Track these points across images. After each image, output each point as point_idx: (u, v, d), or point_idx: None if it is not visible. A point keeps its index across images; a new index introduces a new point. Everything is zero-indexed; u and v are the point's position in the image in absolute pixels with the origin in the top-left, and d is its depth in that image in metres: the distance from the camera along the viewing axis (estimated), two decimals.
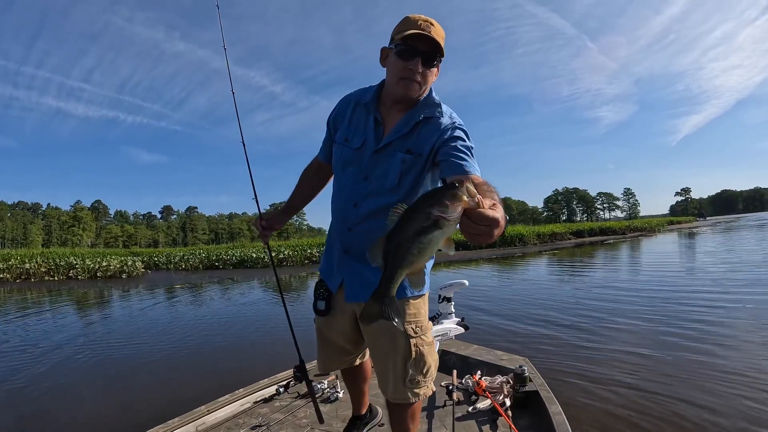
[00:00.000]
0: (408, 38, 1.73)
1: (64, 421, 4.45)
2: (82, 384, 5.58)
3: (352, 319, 2.04)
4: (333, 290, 2.04)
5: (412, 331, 1.90)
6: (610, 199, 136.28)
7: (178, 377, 5.73)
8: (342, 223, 1.95)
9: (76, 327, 9.82)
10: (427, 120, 1.84)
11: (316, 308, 2.08)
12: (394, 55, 1.79)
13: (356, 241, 1.90)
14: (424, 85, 1.83)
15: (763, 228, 40.23)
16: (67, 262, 26.08)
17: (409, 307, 1.91)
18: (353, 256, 1.94)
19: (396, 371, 1.91)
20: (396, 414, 2.06)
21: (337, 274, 2.01)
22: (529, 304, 9.31)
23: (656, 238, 38.48)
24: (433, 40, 1.73)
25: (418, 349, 1.91)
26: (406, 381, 1.92)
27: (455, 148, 1.74)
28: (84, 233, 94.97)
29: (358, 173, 1.90)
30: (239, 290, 15.90)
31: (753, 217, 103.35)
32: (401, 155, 1.82)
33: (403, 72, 1.77)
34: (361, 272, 1.91)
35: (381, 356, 1.97)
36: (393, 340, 1.90)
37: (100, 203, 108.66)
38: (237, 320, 9.68)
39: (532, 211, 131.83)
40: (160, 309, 12.24)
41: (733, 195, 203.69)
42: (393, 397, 1.98)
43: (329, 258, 2.10)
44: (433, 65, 1.80)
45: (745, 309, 7.55)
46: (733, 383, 4.38)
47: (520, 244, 37.30)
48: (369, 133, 1.89)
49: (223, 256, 30.30)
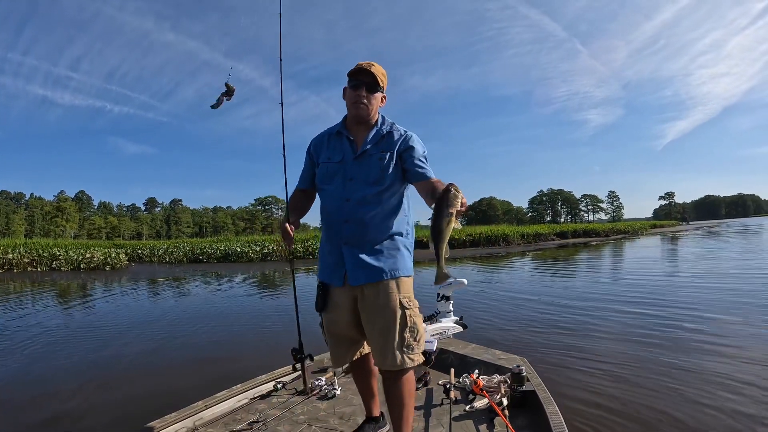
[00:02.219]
0: (354, 74, 2.41)
1: (55, 416, 4.39)
2: (73, 379, 5.48)
3: (353, 307, 2.42)
4: (339, 284, 2.41)
5: (406, 303, 2.36)
6: (594, 201, 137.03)
7: (173, 372, 5.69)
8: (338, 216, 2.40)
9: (61, 319, 9.71)
10: (389, 133, 2.46)
11: (317, 305, 2.50)
12: (348, 87, 2.45)
13: (352, 230, 2.36)
14: (371, 107, 2.42)
15: (745, 233, 40.72)
16: (50, 253, 25.83)
17: (403, 283, 2.39)
18: (352, 245, 2.38)
19: (395, 340, 2.31)
20: (393, 382, 2.42)
21: (340, 267, 2.40)
22: (527, 304, 9.33)
23: (639, 241, 38.85)
24: (371, 73, 2.37)
25: (411, 318, 2.36)
26: (403, 347, 2.32)
27: (415, 158, 2.38)
28: (67, 224, 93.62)
29: (343, 178, 2.41)
30: (225, 284, 15.83)
31: (735, 222, 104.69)
32: (378, 155, 2.40)
33: (354, 98, 2.40)
34: (360, 258, 2.35)
35: (382, 329, 2.33)
36: (393, 313, 2.32)
37: (84, 194, 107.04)
38: (229, 315, 9.63)
39: (517, 212, 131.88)
40: (146, 302, 12.18)
41: (716, 200, 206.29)
42: (392, 365, 2.33)
43: (327, 260, 2.50)
44: (375, 92, 2.42)
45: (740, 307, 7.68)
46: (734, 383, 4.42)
47: (504, 244, 37.55)
48: (345, 148, 2.46)
49: (207, 249, 30.28)
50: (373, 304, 2.34)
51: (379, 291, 2.34)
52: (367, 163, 2.40)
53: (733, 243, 28.03)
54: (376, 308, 2.34)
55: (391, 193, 2.40)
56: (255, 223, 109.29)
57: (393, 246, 2.41)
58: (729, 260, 17.06)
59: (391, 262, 2.38)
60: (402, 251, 2.44)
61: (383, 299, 2.33)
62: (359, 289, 2.37)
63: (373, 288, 2.34)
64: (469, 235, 37.10)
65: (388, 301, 2.32)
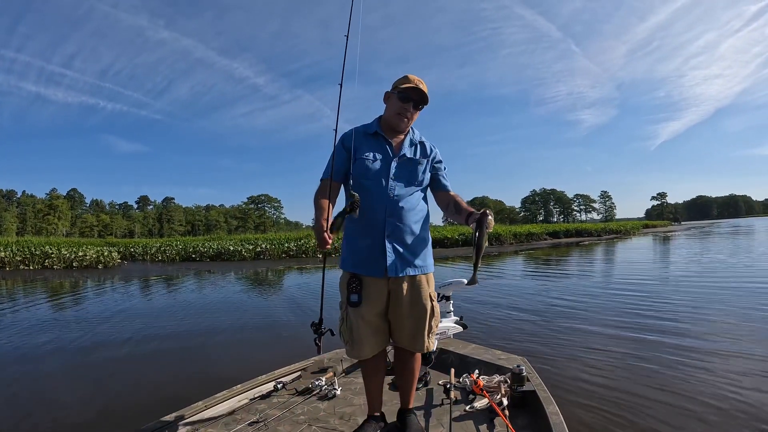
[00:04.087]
0: (407, 89, 2.57)
1: (55, 415, 4.36)
2: (72, 380, 5.47)
3: (386, 298, 2.59)
4: (379, 275, 2.54)
5: (432, 296, 2.66)
6: (586, 201, 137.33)
7: (171, 372, 5.65)
8: (382, 211, 2.54)
9: (54, 318, 9.64)
10: (421, 143, 2.74)
11: (350, 301, 2.55)
12: (395, 97, 2.60)
13: (395, 225, 2.54)
14: (410, 122, 2.66)
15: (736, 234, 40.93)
16: (42, 252, 25.68)
17: (431, 279, 2.69)
18: (393, 239, 2.54)
19: (425, 327, 2.61)
20: (410, 357, 2.72)
21: (382, 259, 2.53)
22: (526, 304, 9.35)
23: (631, 241, 39.01)
24: (422, 92, 2.58)
25: (435, 309, 2.68)
26: (430, 333, 2.64)
27: (442, 170, 2.77)
28: (59, 222, 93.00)
29: (386, 177, 2.57)
30: (219, 283, 15.78)
31: (726, 223, 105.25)
32: (418, 160, 2.67)
33: (400, 109, 2.59)
34: (401, 252, 2.55)
35: (417, 318, 2.60)
36: (425, 305, 2.60)
37: (76, 192, 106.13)
38: (229, 314, 9.60)
39: (509, 211, 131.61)
40: (141, 301, 12.11)
41: (708, 201, 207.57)
42: (421, 348, 2.64)
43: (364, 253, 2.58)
44: (418, 109, 2.64)
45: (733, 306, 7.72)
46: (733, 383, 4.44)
47: (496, 244, 37.66)
48: (384, 149, 2.63)
49: (200, 248, 30.21)
50: (411, 296, 2.58)
51: (414, 284, 2.59)
52: (409, 166, 2.64)
53: (725, 243, 28.17)
54: (413, 299, 2.58)
55: (423, 196, 2.70)
56: (248, 222, 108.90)
57: (424, 243, 2.65)
58: (722, 260, 17.14)
59: (423, 258, 2.63)
60: (429, 249, 2.70)
61: (418, 292, 2.59)
62: (397, 280, 2.56)
63: (410, 281, 2.57)
64: (462, 234, 37.16)
65: (422, 293, 2.60)
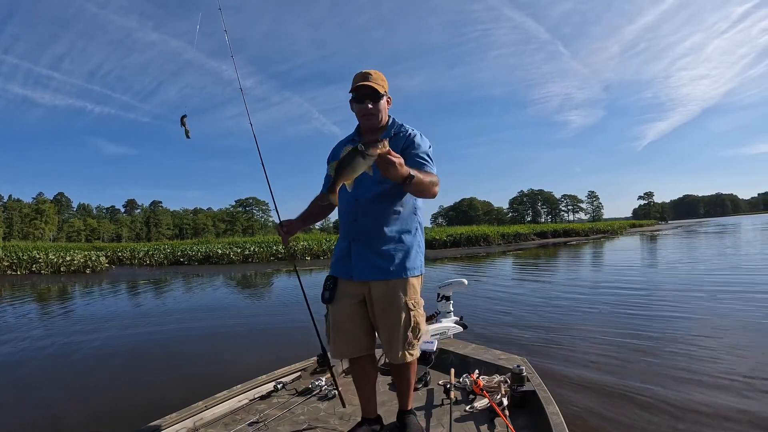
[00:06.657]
0: (355, 89, 2.50)
1: (55, 416, 4.37)
2: (70, 380, 5.46)
3: (358, 302, 2.54)
4: (347, 277, 2.52)
5: (411, 305, 2.47)
6: (574, 202, 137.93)
7: (170, 373, 5.65)
8: (349, 215, 2.53)
9: (48, 322, 9.55)
10: (396, 135, 2.54)
11: (323, 298, 2.59)
12: (352, 101, 2.55)
13: (360, 228, 2.49)
14: (381, 114, 2.54)
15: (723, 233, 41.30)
16: (29, 256, 25.38)
17: (410, 285, 2.49)
18: (360, 242, 2.50)
19: (400, 338, 2.46)
20: (400, 372, 2.63)
21: (347, 262, 2.52)
22: (524, 304, 9.38)
23: (618, 240, 39.28)
24: (369, 86, 2.46)
25: (415, 319, 2.49)
26: (405, 344, 2.46)
27: (416, 153, 2.44)
28: (46, 227, 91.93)
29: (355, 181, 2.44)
30: (208, 286, 15.76)
31: (713, 221, 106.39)
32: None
33: (361, 111, 2.52)
34: (366, 255, 2.47)
35: (389, 327, 2.47)
36: (398, 313, 2.44)
37: (63, 196, 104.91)
38: (227, 316, 9.62)
39: (497, 212, 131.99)
40: (132, 305, 12.05)
41: (694, 200, 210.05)
42: (395, 359, 2.51)
43: (337, 255, 2.63)
44: (379, 99, 2.50)
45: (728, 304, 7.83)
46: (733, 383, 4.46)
47: (484, 244, 37.88)
48: None
49: (188, 251, 30.16)
50: (381, 302, 2.47)
51: (386, 290, 2.45)
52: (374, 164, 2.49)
53: (712, 242, 28.46)
54: (383, 306, 2.47)
55: (398, 192, 2.46)
56: (236, 225, 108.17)
57: (401, 245, 2.49)
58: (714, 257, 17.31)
59: (399, 261, 2.47)
60: (410, 250, 2.52)
61: (390, 299, 2.45)
62: (366, 285, 2.49)
63: (380, 286, 2.46)
64: (450, 235, 37.30)
65: (394, 301, 2.44)
